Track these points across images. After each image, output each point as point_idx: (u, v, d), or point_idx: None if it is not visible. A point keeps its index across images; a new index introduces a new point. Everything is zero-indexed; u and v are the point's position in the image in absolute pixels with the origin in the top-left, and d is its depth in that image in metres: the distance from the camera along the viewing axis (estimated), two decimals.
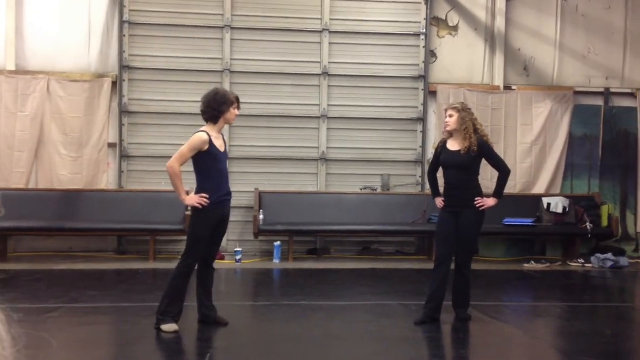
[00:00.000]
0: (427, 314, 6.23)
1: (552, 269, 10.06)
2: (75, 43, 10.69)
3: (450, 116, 6.29)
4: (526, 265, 10.26)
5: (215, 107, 5.81)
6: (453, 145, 6.32)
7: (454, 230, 6.27)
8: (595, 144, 11.41)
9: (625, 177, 11.48)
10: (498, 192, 6.38)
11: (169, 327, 5.69)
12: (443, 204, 6.40)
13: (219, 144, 5.85)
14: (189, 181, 6.07)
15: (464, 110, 6.27)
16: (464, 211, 6.25)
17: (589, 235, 10.57)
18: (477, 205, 6.24)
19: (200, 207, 5.74)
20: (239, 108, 5.99)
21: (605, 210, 10.88)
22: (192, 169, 5.89)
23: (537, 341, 6.08)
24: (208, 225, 5.81)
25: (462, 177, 6.26)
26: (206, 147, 5.74)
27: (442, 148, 6.43)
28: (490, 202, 6.31)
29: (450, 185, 6.33)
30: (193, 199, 5.76)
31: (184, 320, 6.02)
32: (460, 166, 6.24)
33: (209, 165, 5.81)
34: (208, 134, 5.78)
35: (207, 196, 5.75)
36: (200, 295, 5.99)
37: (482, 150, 6.25)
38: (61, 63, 10.66)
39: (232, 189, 11.33)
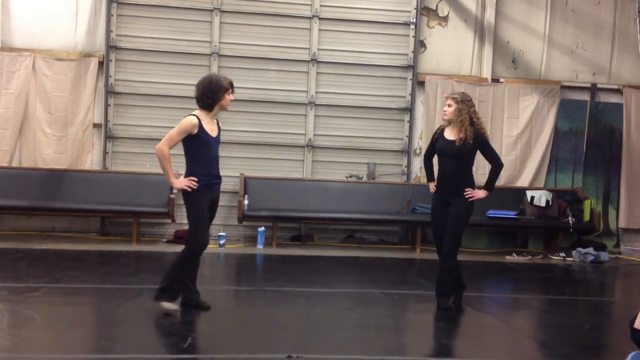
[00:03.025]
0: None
1: (533, 262, 10.14)
2: (62, 21, 10.59)
3: (449, 105, 6.39)
4: (508, 257, 10.35)
5: (210, 96, 5.82)
6: (449, 134, 6.41)
7: (445, 218, 6.37)
8: (580, 138, 11.49)
9: (608, 172, 11.57)
10: (489, 185, 6.48)
11: (169, 305, 5.75)
12: (435, 189, 6.51)
13: (210, 128, 5.86)
14: (179, 164, 6.05)
15: (462, 102, 6.35)
16: (454, 200, 6.33)
17: (571, 229, 10.65)
18: (467, 196, 6.32)
19: (190, 190, 5.74)
20: (232, 92, 5.96)
21: (587, 205, 10.96)
22: (181, 152, 5.87)
23: (517, 332, 6.14)
24: (203, 207, 5.83)
25: (455, 167, 6.36)
26: (195, 130, 5.74)
27: (439, 135, 6.52)
28: (481, 193, 6.41)
29: (443, 173, 6.44)
30: (182, 183, 5.77)
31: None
32: (454, 156, 6.33)
33: (198, 149, 5.81)
34: (198, 118, 5.78)
35: (196, 180, 5.75)
36: (185, 279, 5.99)
37: (478, 143, 6.33)
38: (47, 41, 10.55)
39: None
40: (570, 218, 10.62)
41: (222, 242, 9.97)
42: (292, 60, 10.95)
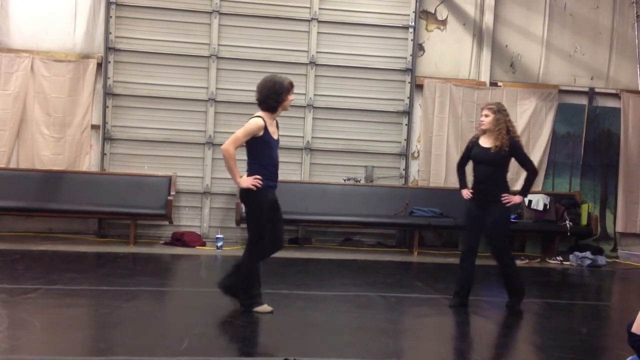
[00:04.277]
0: (458, 300, 6.65)
1: (530, 266, 10.14)
2: (61, 23, 10.59)
3: (486, 116, 6.63)
4: None
5: (274, 98, 5.91)
6: (485, 142, 6.67)
7: (480, 223, 6.64)
8: (577, 142, 11.51)
9: (606, 176, 11.60)
10: (524, 190, 6.85)
11: (262, 308, 5.90)
12: (470, 195, 6.73)
13: (272, 130, 5.95)
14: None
15: (499, 112, 6.61)
16: (490, 206, 6.58)
17: (568, 233, 10.67)
18: (504, 201, 6.57)
19: (255, 188, 5.81)
20: (292, 92, 6.06)
21: (585, 209, 11.00)
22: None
23: (514, 336, 6.15)
24: (264, 207, 5.90)
25: (491, 173, 6.63)
26: (261, 133, 5.84)
27: (474, 143, 6.77)
28: (516, 199, 6.73)
29: (479, 180, 6.70)
30: (248, 181, 5.84)
31: (164, 305, 5.99)
32: (490, 163, 6.59)
33: (262, 151, 5.89)
34: (264, 120, 5.84)
35: (261, 178, 5.83)
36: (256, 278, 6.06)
37: (513, 150, 6.61)
38: (46, 42, 10.56)
39: (215, 175, 11.42)
40: (567, 222, 10.64)
41: (219, 244, 9.97)
42: (291, 63, 10.95)
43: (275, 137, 5.99)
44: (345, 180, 11.03)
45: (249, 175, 5.89)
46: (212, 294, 6.63)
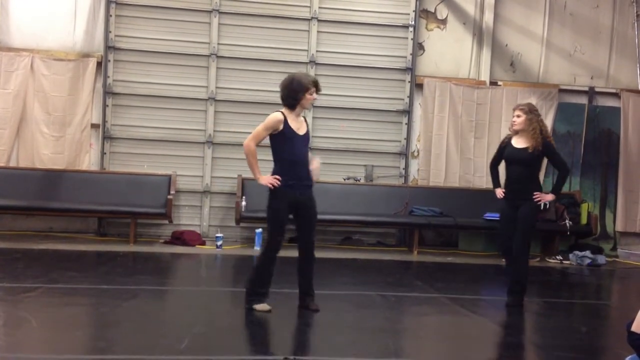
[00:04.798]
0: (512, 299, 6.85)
1: (530, 265, 10.11)
2: (61, 21, 10.59)
3: (518, 116, 6.74)
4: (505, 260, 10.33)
5: (292, 95, 5.92)
6: (518, 143, 6.75)
7: (514, 223, 6.72)
8: (577, 142, 11.51)
9: (605, 176, 11.60)
10: (556, 189, 6.93)
11: (261, 306, 5.92)
12: (503, 194, 6.83)
13: (296, 126, 5.94)
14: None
15: (531, 112, 6.72)
16: (523, 204, 6.66)
17: (568, 233, 10.66)
18: (535, 200, 6.66)
19: (272, 187, 5.84)
20: (318, 91, 6.03)
21: (584, 208, 10.99)
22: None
23: (514, 335, 6.14)
24: (281, 207, 5.96)
25: (524, 173, 6.71)
26: (281, 127, 5.85)
27: (506, 144, 6.86)
28: (548, 197, 6.79)
29: (512, 179, 6.79)
30: (266, 179, 5.88)
31: (164, 304, 5.97)
32: (523, 162, 6.68)
33: (283, 147, 5.91)
34: (283, 114, 5.87)
35: (280, 177, 5.83)
36: (300, 283, 6.26)
37: (546, 150, 6.69)
38: (46, 41, 10.55)
39: (215, 174, 11.39)
40: (567, 221, 10.63)
41: (219, 243, 9.96)
42: (291, 62, 10.93)
43: (300, 132, 5.96)
44: (345, 179, 11.03)
45: (273, 173, 5.92)
46: (212, 293, 6.64)
